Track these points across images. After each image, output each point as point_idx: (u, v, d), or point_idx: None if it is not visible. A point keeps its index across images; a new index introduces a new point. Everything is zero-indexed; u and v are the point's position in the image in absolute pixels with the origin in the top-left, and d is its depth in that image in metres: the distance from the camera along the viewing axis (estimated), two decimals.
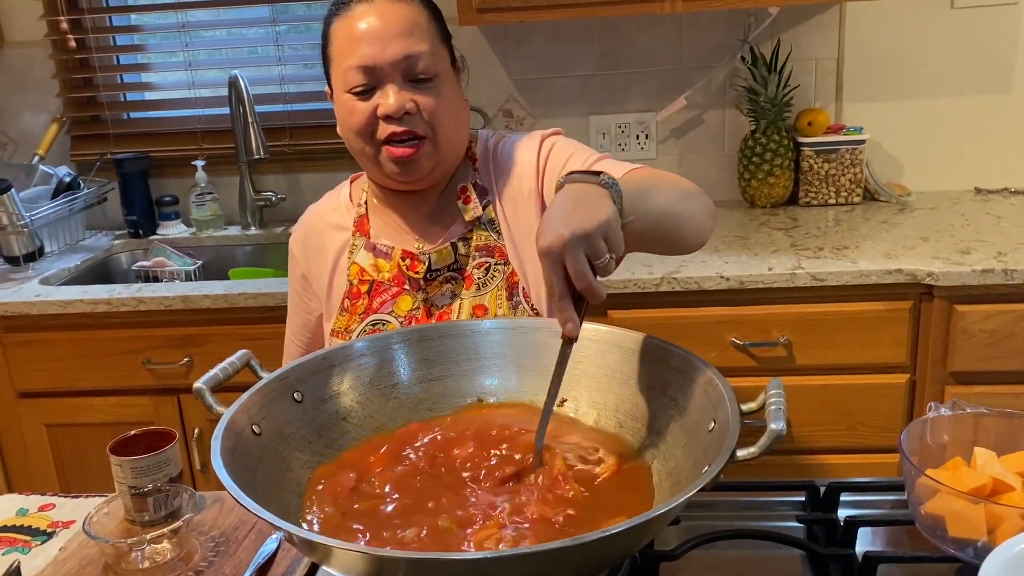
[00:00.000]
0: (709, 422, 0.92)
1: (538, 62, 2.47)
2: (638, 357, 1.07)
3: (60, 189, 2.44)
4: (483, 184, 1.38)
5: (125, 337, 2.10)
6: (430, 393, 1.12)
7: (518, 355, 1.14)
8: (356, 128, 1.29)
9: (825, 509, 1.08)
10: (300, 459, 1.00)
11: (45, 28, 2.57)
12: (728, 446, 0.82)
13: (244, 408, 0.97)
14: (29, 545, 1.13)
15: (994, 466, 0.99)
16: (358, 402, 1.08)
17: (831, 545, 1.02)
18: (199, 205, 2.56)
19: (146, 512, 1.08)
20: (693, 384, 0.98)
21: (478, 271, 1.35)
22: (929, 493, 0.96)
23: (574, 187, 1.00)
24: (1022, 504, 0.94)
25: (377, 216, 1.41)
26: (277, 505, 0.89)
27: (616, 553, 0.81)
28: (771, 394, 0.87)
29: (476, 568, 0.73)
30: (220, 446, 0.88)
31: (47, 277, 2.25)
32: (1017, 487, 0.96)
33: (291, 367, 1.05)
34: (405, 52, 1.25)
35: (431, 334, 1.14)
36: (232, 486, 0.82)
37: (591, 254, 0.92)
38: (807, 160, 2.35)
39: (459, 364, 1.14)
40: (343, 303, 1.38)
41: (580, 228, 0.91)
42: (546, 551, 0.72)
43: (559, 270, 0.92)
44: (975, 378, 1.91)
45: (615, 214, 0.96)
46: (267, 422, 0.98)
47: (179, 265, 2.43)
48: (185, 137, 2.63)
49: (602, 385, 1.09)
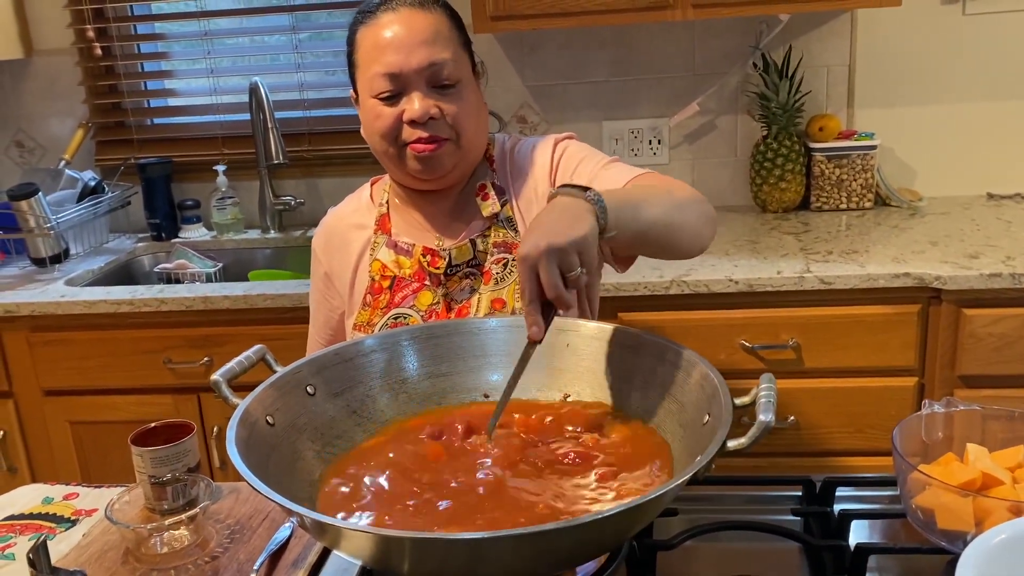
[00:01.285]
0: (704, 416, 0.95)
1: (552, 69, 2.51)
2: (638, 354, 1.10)
3: (85, 193, 2.51)
4: (500, 184, 1.44)
5: (147, 337, 2.15)
6: (438, 388, 1.16)
7: None
8: (382, 131, 1.34)
9: (821, 503, 1.11)
10: (312, 449, 1.04)
11: (72, 37, 2.64)
12: (719, 437, 0.85)
13: (259, 399, 1.01)
14: (54, 532, 1.18)
15: (985, 461, 1.01)
16: (368, 396, 1.12)
17: (826, 537, 1.04)
18: (220, 209, 2.62)
19: (165, 500, 1.13)
20: (690, 379, 1.01)
21: (496, 266, 1.39)
22: (920, 487, 0.99)
23: (561, 200, 1.06)
24: (1013, 498, 0.96)
25: (398, 215, 1.46)
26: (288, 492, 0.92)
27: (610, 536, 0.85)
28: (762, 388, 0.90)
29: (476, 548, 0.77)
30: (235, 434, 0.92)
31: (72, 278, 2.31)
32: (1007, 481, 0.99)
33: (304, 362, 1.09)
34: (429, 60, 1.31)
35: (439, 331, 1.18)
36: (245, 470, 0.86)
37: (563, 267, 0.99)
38: (818, 165, 2.38)
39: (466, 361, 1.18)
40: (365, 298, 1.43)
41: (555, 242, 0.98)
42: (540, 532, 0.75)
43: (533, 277, 1.00)
44: (983, 382, 1.92)
45: (593, 231, 1.02)
46: (281, 413, 1.02)
47: (200, 267, 2.48)
48: (207, 143, 2.69)
49: (604, 381, 1.12)
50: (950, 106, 2.42)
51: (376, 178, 1.54)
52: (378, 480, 0.98)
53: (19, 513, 1.23)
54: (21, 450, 2.27)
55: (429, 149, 1.33)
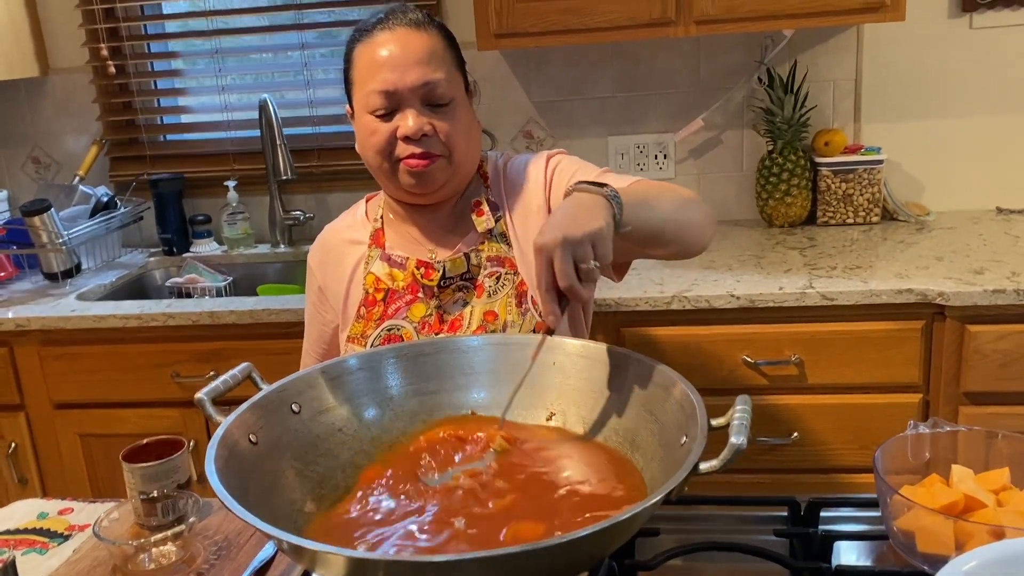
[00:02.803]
0: (682, 436, 0.95)
1: (558, 85, 2.52)
2: (622, 373, 1.10)
3: (98, 208, 2.54)
4: (495, 200, 1.46)
5: (155, 351, 2.18)
6: (424, 406, 1.16)
7: (511, 370, 1.17)
8: (376, 147, 1.37)
9: (806, 524, 1.10)
10: (295, 468, 1.05)
11: (87, 55, 2.69)
12: (691, 459, 0.85)
13: (242, 418, 1.02)
14: (47, 547, 1.19)
15: (968, 483, 1.01)
16: (354, 414, 1.13)
17: (809, 559, 1.04)
18: (230, 224, 2.65)
19: (154, 517, 1.14)
20: (671, 399, 1.02)
21: (489, 280, 1.41)
22: (901, 509, 0.98)
23: (579, 195, 1.10)
24: (994, 521, 0.95)
25: (392, 229, 1.49)
26: (269, 512, 0.93)
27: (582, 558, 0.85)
28: (737, 409, 0.90)
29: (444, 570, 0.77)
30: (215, 454, 0.93)
31: (83, 293, 2.34)
32: (990, 504, 0.98)
33: (289, 380, 1.10)
34: (424, 79, 1.34)
35: (426, 349, 1.19)
36: (222, 491, 0.87)
37: (577, 258, 1.01)
38: (824, 180, 2.37)
39: (453, 379, 1.18)
40: (359, 311, 1.45)
41: (572, 233, 1.01)
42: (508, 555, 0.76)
43: (548, 267, 1.02)
44: (988, 399, 1.90)
45: (609, 225, 1.05)
46: (264, 432, 1.03)
47: (211, 281, 2.51)
48: (218, 159, 2.72)
49: (588, 399, 1.13)
50: (957, 120, 2.40)
51: (371, 194, 1.56)
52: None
53: (15, 528, 1.25)
54: (32, 462, 2.30)
55: (422, 165, 1.35)
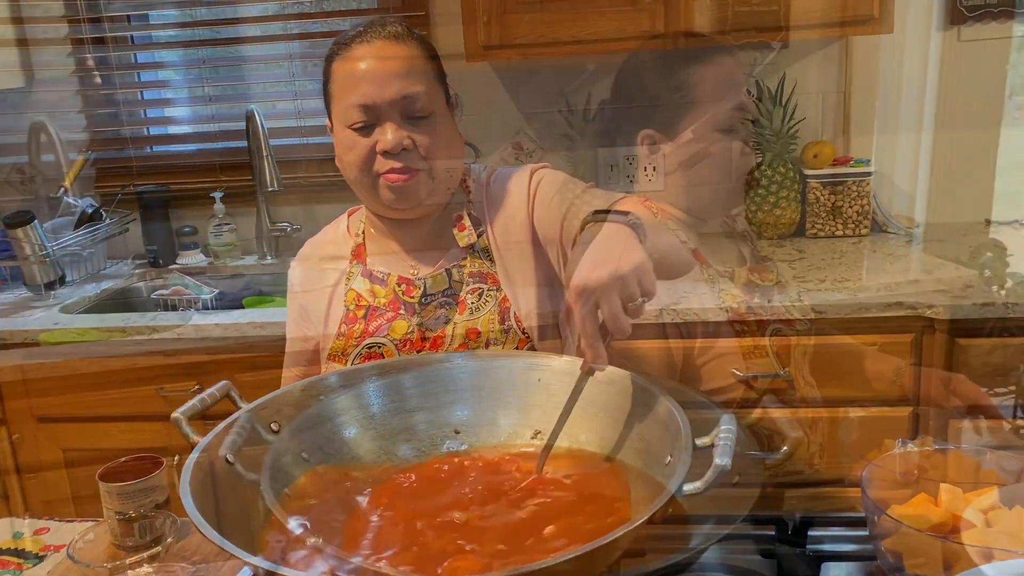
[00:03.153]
0: (667, 456, 0.94)
1: (547, 96, 2.51)
2: (611, 390, 1.09)
3: (83, 220, 2.52)
4: (477, 214, 1.43)
5: (140, 365, 2.15)
6: (407, 424, 1.15)
7: (494, 388, 1.16)
8: (355, 161, 1.35)
9: (794, 543, 1.08)
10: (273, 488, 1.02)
11: (72, 65, 2.67)
12: (675, 481, 0.83)
13: (219, 438, 1.00)
14: (21, 568, 1.17)
15: (957, 503, 0.99)
16: (335, 432, 1.11)
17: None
18: (217, 236, 2.63)
19: (131, 537, 1.12)
20: (657, 418, 1.00)
21: (471, 296, 1.39)
22: (889, 529, 0.97)
23: (609, 227, 1.05)
24: (983, 542, 0.94)
25: (374, 244, 1.46)
26: (246, 534, 0.92)
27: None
28: (722, 430, 0.89)
29: None
30: (191, 475, 0.91)
31: (67, 305, 2.32)
32: (979, 524, 0.97)
33: (268, 398, 1.08)
34: (403, 92, 1.31)
35: (408, 367, 1.18)
36: (197, 516, 0.85)
37: (625, 296, 0.96)
38: (813, 192, 2.36)
39: (437, 396, 1.17)
40: (340, 328, 1.42)
41: (617, 271, 0.96)
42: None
43: (593, 310, 0.96)
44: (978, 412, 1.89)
45: (647, 256, 1.00)
46: (242, 451, 1.02)
47: (197, 294, 2.48)
48: (205, 170, 2.71)
49: (575, 418, 1.10)
50: (946, 132, 2.40)
51: (353, 209, 1.53)
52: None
53: None
54: (14, 477, 2.27)
55: (402, 179, 1.33)
